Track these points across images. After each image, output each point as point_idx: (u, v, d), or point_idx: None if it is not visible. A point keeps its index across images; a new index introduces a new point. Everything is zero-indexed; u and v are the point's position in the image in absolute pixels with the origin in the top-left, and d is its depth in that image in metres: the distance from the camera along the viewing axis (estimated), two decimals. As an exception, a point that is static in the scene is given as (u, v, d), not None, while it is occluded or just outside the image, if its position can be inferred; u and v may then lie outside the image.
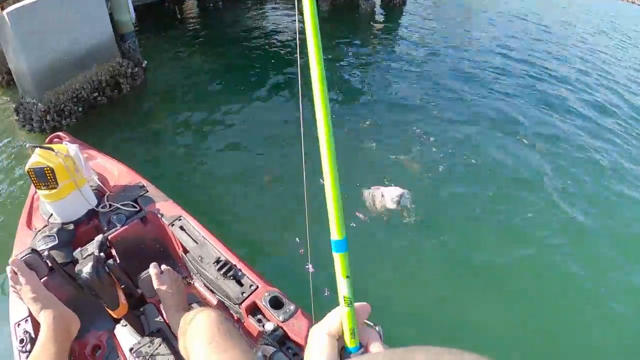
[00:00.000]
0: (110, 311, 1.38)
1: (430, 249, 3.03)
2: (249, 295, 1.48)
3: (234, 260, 1.61)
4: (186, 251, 1.73)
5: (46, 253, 1.41)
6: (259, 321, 1.42)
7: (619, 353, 2.52)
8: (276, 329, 1.35)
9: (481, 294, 2.76)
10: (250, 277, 1.54)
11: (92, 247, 1.39)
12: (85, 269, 1.27)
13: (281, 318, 1.38)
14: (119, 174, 2.19)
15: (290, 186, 3.47)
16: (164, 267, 1.49)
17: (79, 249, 1.42)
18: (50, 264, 1.37)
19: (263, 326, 1.38)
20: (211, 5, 9.21)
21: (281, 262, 2.84)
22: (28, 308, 1.41)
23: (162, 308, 1.46)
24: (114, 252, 1.73)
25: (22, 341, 1.38)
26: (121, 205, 1.89)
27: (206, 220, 1.92)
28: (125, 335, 1.54)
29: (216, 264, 1.58)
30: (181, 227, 1.77)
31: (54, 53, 4.30)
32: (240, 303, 1.46)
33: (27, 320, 1.45)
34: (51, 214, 1.82)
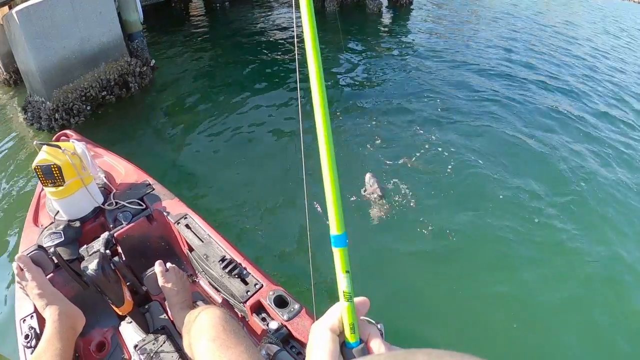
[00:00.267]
0: (115, 308, 1.39)
1: (430, 249, 3.02)
2: (254, 293, 1.48)
3: (239, 258, 1.61)
4: (191, 249, 1.73)
5: (52, 250, 1.42)
6: (264, 320, 1.42)
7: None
8: (280, 328, 1.35)
9: (483, 288, 2.73)
10: (255, 276, 1.54)
11: (98, 245, 1.40)
12: (91, 266, 1.27)
13: (285, 317, 1.38)
14: (126, 172, 2.20)
15: (293, 185, 3.47)
16: (169, 265, 1.50)
17: (85, 246, 1.43)
18: (56, 261, 1.37)
19: (267, 325, 1.38)
20: (218, 5, 9.26)
21: (284, 261, 2.84)
22: (34, 304, 1.42)
23: (167, 305, 1.46)
24: (120, 250, 1.74)
25: (27, 337, 1.38)
26: (127, 203, 1.90)
27: (211, 218, 1.92)
28: (130, 332, 1.55)
29: (221, 262, 1.57)
30: (187, 225, 1.78)
31: (63, 52, 4.34)
32: (244, 301, 1.46)
33: (33, 316, 1.46)
34: (57, 211, 1.83)
